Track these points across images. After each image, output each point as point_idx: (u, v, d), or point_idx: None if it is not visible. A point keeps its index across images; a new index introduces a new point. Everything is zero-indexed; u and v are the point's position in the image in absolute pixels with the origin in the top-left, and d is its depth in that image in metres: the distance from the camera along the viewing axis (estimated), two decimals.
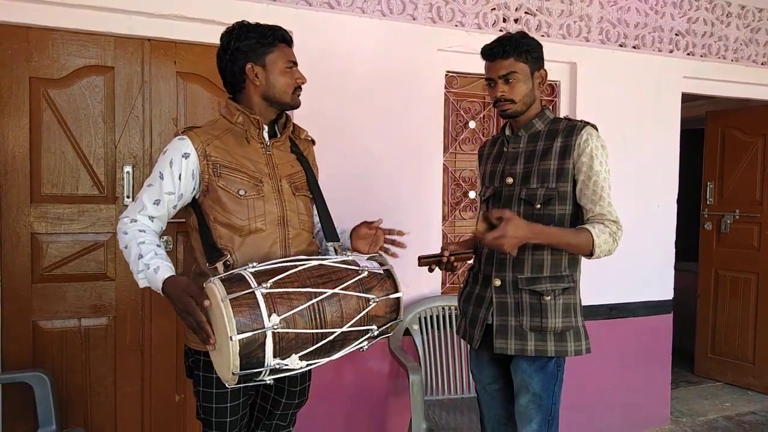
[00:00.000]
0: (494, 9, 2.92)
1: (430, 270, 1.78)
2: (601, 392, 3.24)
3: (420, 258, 1.74)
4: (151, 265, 1.46)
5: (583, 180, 1.72)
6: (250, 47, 1.59)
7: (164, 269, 1.46)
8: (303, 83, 1.66)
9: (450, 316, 2.83)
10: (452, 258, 1.74)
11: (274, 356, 1.32)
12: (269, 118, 1.67)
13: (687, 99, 3.45)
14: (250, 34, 1.60)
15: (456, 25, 2.84)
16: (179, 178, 1.54)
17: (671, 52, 3.33)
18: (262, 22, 1.65)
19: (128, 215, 1.57)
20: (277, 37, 1.62)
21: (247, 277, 1.36)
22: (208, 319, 1.38)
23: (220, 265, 1.48)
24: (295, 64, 1.67)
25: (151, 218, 1.57)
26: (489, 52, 1.78)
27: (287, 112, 1.75)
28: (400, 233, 1.76)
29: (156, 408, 2.50)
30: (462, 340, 2.81)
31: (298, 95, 1.67)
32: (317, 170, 1.84)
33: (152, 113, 2.44)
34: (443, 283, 2.99)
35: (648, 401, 3.41)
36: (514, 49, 1.74)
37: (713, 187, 4.29)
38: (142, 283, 1.49)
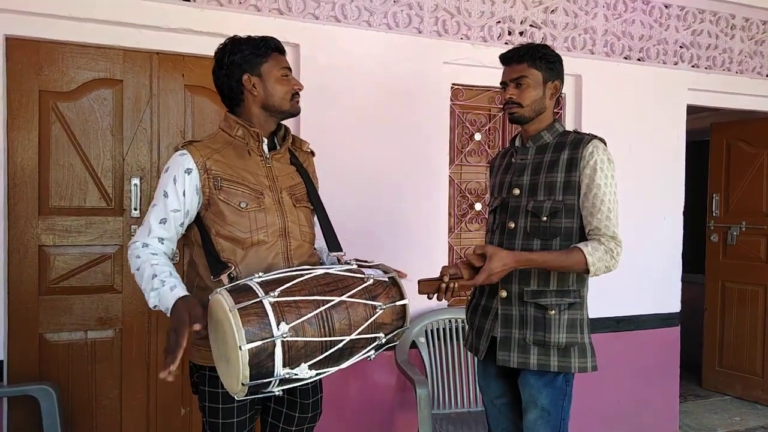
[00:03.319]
0: (499, 22, 2.94)
1: (429, 297, 1.73)
2: (608, 406, 3.21)
3: (420, 282, 1.70)
4: (167, 282, 1.45)
5: (584, 192, 1.71)
6: (245, 59, 1.60)
7: (180, 288, 1.44)
8: (300, 89, 1.67)
9: (457, 329, 2.82)
10: (452, 284, 1.69)
11: (284, 365, 1.31)
12: (269, 130, 1.67)
13: (692, 111, 3.45)
14: (243, 46, 1.61)
15: (461, 38, 2.85)
16: (183, 195, 1.53)
17: (676, 64, 3.34)
18: (266, 35, 1.66)
19: (138, 239, 1.55)
20: (270, 47, 1.63)
21: (254, 287, 1.36)
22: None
23: (224, 278, 1.48)
24: (290, 70, 1.67)
25: (161, 240, 1.55)
26: (505, 57, 1.83)
27: (286, 125, 1.74)
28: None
29: (162, 421, 2.48)
30: (469, 353, 2.79)
31: (297, 101, 1.67)
32: (317, 181, 1.83)
33: (160, 126, 2.46)
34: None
35: (656, 415, 3.37)
36: (529, 56, 1.78)
37: (719, 198, 4.27)
38: (153, 301, 1.46)
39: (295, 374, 1.33)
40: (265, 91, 1.61)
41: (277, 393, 1.37)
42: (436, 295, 1.72)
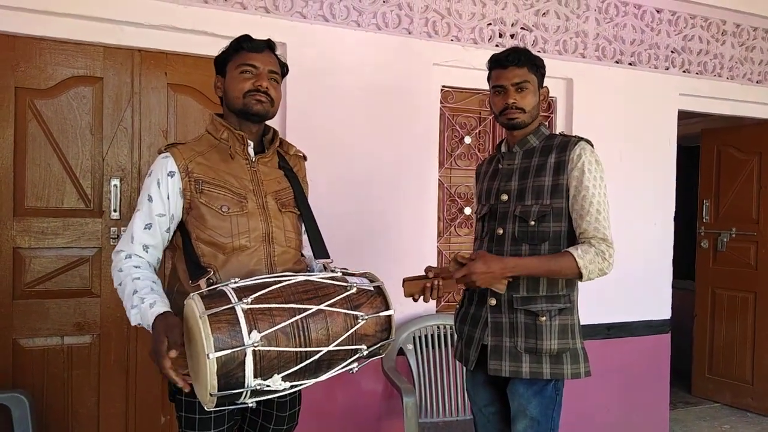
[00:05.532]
0: (490, 24, 2.90)
1: (415, 300, 1.68)
2: (598, 413, 3.17)
3: (405, 281, 1.65)
4: (146, 299, 1.38)
5: (573, 195, 1.69)
6: (218, 61, 1.62)
7: (160, 305, 1.37)
8: (258, 86, 1.52)
9: (445, 336, 2.77)
10: (436, 281, 1.64)
11: (255, 376, 1.24)
12: (251, 132, 1.60)
13: (683, 116, 3.44)
14: (226, 47, 1.61)
15: (452, 40, 2.81)
16: (168, 198, 1.48)
17: (667, 69, 3.32)
18: (253, 34, 1.60)
19: (122, 249, 1.50)
20: (238, 45, 1.57)
21: (228, 293, 1.29)
22: (185, 364, 1.33)
23: (202, 282, 1.42)
24: (255, 68, 1.54)
25: (146, 248, 1.49)
26: (503, 60, 1.76)
27: (274, 128, 1.69)
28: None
29: (141, 429, 2.41)
30: (457, 361, 2.74)
31: (257, 99, 1.53)
32: (307, 186, 1.77)
33: (141, 125, 2.39)
34: (438, 302, 2.92)
35: (646, 423, 3.33)
36: (528, 61, 1.75)
37: (709, 204, 4.26)
38: (135, 320, 1.39)
39: (268, 386, 1.26)
40: (225, 92, 1.59)
41: (250, 404, 1.31)
42: (422, 297, 1.67)
